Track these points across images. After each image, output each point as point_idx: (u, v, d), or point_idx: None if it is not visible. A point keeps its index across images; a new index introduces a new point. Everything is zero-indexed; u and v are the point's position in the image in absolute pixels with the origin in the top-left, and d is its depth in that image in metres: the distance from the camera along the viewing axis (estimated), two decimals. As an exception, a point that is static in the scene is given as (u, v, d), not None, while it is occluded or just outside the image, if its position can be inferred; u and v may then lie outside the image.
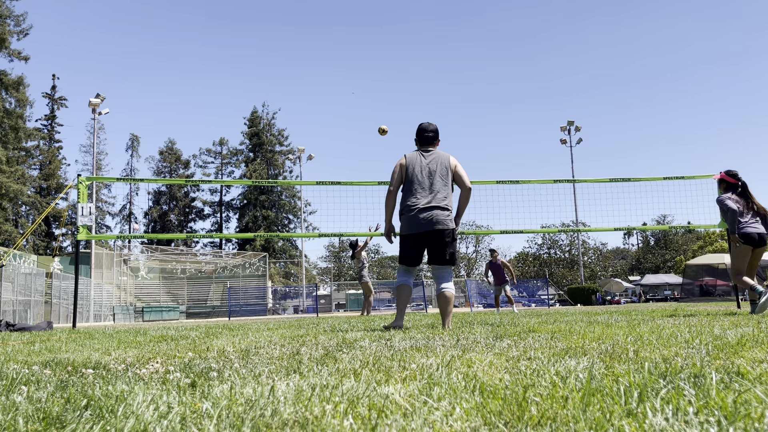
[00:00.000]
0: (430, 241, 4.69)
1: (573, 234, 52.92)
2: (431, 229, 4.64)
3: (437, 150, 4.92)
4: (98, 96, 28.60)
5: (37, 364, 2.45)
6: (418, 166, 4.77)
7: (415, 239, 4.71)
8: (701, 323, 4.03)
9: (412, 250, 4.76)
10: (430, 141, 4.93)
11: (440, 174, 4.75)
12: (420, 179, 4.73)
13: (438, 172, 4.75)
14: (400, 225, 4.86)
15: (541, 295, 30.37)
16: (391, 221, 4.95)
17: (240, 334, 4.70)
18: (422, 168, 4.76)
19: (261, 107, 60.51)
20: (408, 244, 4.77)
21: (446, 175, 4.78)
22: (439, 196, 4.71)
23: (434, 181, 4.72)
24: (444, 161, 4.81)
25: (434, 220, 4.63)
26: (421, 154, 4.86)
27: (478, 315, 8.91)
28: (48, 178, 51.81)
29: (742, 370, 1.56)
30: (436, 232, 4.65)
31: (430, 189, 4.71)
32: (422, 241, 4.71)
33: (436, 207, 4.67)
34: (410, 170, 4.78)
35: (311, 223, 54.84)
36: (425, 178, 4.73)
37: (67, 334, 6.28)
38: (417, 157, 4.83)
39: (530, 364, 1.87)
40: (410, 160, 4.82)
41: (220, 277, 36.22)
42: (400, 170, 4.84)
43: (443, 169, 4.78)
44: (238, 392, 1.46)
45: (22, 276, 20.59)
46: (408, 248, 4.77)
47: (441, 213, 4.67)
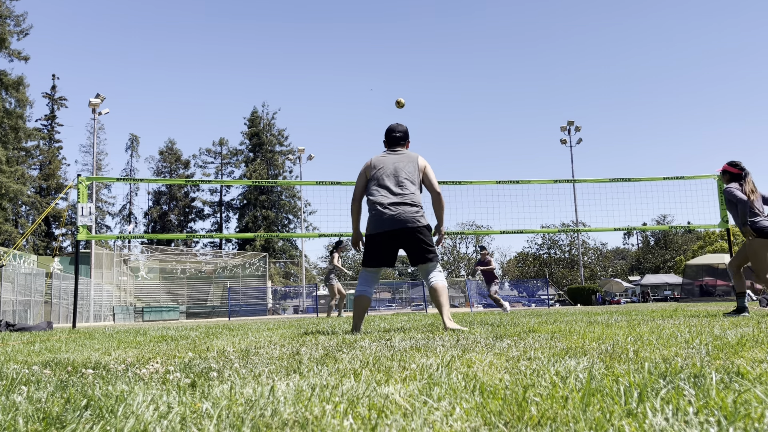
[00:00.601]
0: (402, 241, 4.42)
1: (573, 234, 52.92)
2: (401, 227, 4.36)
3: (406, 150, 4.75)
4: (98, 96, 28.60)
5: (37, 364, 2.45)
6: (383, 164, 4.57)
7: (382, 238, 4.42)
8: (701, 323, 4.03)
9: (376, 251, 4.47)
10: (398, 141, 4.73)
11: (407, 172, 4.53)
12: (386, 177, 4.50)
13: (404, 169, 4.53)
14: (366, 225, 4.58)
15: (541, 295, 30.38)
16: (359, 229, 4.73)
17: (240, 334, 4.70)
18: (387, 166, 4.55)
19: (261, 107, 60.59)
20: (373, 244, 4.47)
21: (414, 172, 4.55)
22: (406, 192, 4.45)
23: (400, 179, 4.48)
24: (412, 160, 4.60)
25: (402, 218, 4.36)
26: (387, 153, 4.69)
27: (478, 315, 8.91)
28: (48, 178, 51.82)
29: (742, 370, 1.56)
30: (406, 231, 4.37)
31: (397, 186, 4.46)
32: (390, 240, 4.42)
33: (403, 203, 4.41)
34: (376, 170, 4.57)
35: (311, 223, 54.90)
36: (391, 176, 4.50)
37: (67, 334, 6.28)
38: (383, 157, 4.65)
39: (530, 364, 1.87)
40: (375, 161, 4.63)
41: (220, 277, 36.22)
42: (364, 173, 4.64)
43: (411, 167, 4.56)
44: (238, 392, 1.46)
45: (22, 276, 20.59)
46: (372, 249, 4.48)
47: (409, 209, 4.40)
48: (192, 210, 60.65)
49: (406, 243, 4.44)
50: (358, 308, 4.56)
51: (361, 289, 4.57)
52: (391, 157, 4.64)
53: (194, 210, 60.80)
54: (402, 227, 4.37)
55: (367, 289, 4.55)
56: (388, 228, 4.38)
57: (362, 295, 4.53)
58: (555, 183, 10.70)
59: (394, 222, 4.37)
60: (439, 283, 4.42)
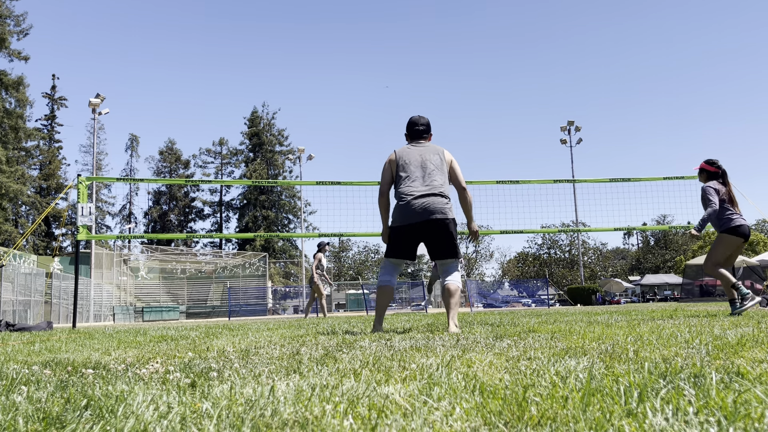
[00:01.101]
0: (427, 234, 4.25)
1: (573, 234, 52.93)
2: (428, 218, 4.20)
3: (430, 143, 4.61)
4: (98, 96, 28.59)
5: (37, 364, 2.45)
6: (409, 156, 4.42)
7: (409, 230, 4.27)
8: (701, 323, 4.03)
9: (402, 242, 4.33)
10: (421, 134, 4.58)
11: (434, 163, 4.38)
12: (414, 168, 4.35)
13: (431, 160, 4.38)
14: (392, 217, 4.44)
15: (541, 295, 30.38)
16: (388, 223, 4.51)
17: (240, 334, 4.70)
18: (414, 158, 4.40)
19: (261, 107, 60.65)
20: (399, 236, 4.33)
21: (441, 164, 4.40)
22: (435, 184, 4.29)
23: (428, 170, 4.33)
24: (438, 152, 4.45)
25: (430, 208, 4.20)
26: (412, 146, 4.54)
27: (478, 315, 8.91)
28: (48, 178, 51.82)
29: (742, 370, 1.55)
30: (433, 223, 4.20)
31: (424, 177, 4.31)
32: (416, 233, 4.27)
33: (432, 194, 4.24)
34: (401, 162, 4.41)
35: (311, 223, 54.90)
36: (418, 168, 4.35)
37: (67, 334, 6.28)
38: (408, 150, 4.49)
39: (530, 364, 1.87)
40: (400, 153, 4.47)
41: (220, 277, 36.22)
42: (389, 166, 4.48)
43: (437, 159, 4.42)
44: (238, 392, 1.46)
45: (22, 276, 20.59)
46: (398, 240, 4.34)
47: (439, 200, 4.24)
48: (192, 210, 60.66)
49: (432, 235, 4.26)
50: (383, 299, 4.43)
51: (384, 279, 4.44)
52: (416, 149, 4.48)
53: (194, 210, 60.81)
54: (430, 218, 4.20)
55: (390, 279, 4.43)
56: (416, 220, 4.23)
57: (386, 286, 4.41)
58: (555, 183, 10.70)
59: (423, 213, 4.21)
60: (453, 285, 4.27)
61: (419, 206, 4.22)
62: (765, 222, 53.31)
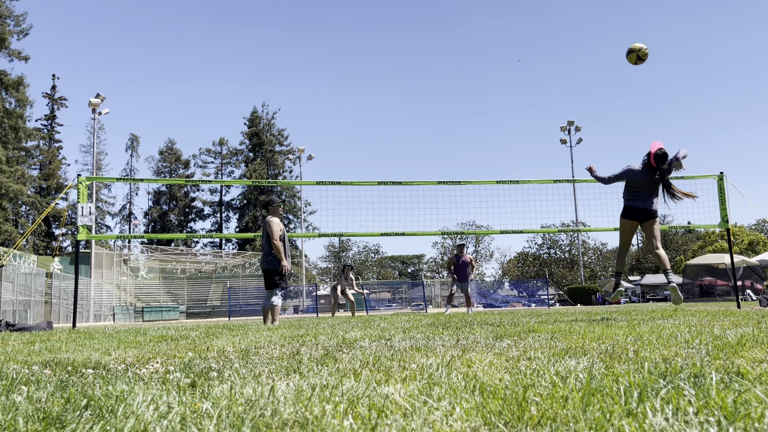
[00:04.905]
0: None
1: (573, 234, 52.93)
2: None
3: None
4: (98, 96, 28.60)
5: (37, 364, 2.45)
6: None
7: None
8: (701, 323, 4.03)
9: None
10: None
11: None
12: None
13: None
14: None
15: (541, 295, 30.38)
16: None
17: (240, 334, 4.69)
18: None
19: (261, 107, 60.53)
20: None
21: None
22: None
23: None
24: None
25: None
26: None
27: (478, 315, 8.91)
28: (48, 178, 51.82)
29: (742, 370, 1.55)
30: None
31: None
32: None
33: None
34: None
35: (311, 223, 54.85)
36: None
37: (67, 334, 6.28)
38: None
39: (530, 364, 1.87)
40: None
41: (220, 277, 36.21)
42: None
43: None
44: (238, 392, 1.46)
45: (22, 276, 20.59)
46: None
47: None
48: (192, 210, 60.62)
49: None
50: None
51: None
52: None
53: (194, 210, 60.77)
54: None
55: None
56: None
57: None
58: (555, 183, 10.70)
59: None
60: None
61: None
62: (765, 222, 53.34)
